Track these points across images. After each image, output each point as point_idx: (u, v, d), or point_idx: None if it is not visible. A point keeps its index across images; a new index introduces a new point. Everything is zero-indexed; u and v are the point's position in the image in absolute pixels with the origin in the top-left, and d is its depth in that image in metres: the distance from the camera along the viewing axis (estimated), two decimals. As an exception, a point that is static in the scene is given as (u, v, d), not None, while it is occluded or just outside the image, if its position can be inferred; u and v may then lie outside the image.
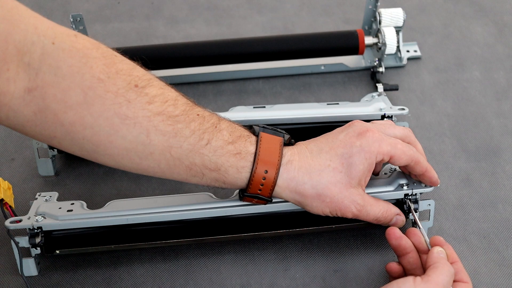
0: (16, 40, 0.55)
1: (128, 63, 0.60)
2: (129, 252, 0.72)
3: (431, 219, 0.71)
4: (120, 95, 0.58)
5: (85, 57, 0.57)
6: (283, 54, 0.88)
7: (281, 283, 0.69)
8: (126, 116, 0.58)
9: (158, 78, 0.62)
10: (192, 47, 0.88)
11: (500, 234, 0.74)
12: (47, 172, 0.79)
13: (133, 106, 0.58)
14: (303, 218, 0.70)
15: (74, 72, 0.56)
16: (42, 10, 1.02)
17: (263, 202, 0.64)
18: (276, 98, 0.89)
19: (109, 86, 0.57)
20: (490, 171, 0.80)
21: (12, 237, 0.66)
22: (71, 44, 0.57)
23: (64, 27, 0.59)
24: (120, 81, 0.58)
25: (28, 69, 0.56)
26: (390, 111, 0.78)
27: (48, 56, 0.56)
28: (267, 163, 0.61)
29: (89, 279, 0.70)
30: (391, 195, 0.69)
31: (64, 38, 0.57)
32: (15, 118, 0.57)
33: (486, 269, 0.70)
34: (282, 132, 0.65)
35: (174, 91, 0.62)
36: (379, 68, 0.90)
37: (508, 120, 0.86)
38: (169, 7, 1.03)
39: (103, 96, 0.57)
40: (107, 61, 0.58)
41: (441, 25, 0.99)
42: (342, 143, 0.64)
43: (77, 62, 0.57)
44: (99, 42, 0.60)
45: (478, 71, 0.92)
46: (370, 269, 0.70)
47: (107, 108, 0.57)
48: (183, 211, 0.67)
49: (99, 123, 0.57)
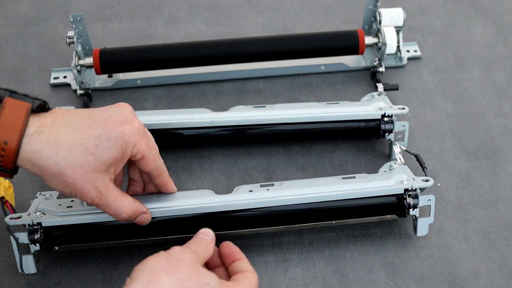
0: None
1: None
2: (129, 251, 0.72)
3: (431, 215, 0.71)
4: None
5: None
6: (283, 54, 0.88)
7: (281, 283, 0.69)
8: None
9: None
10: (192, 47, 0.87)
11: (501, 233, 0.74)
12: (47, 172, 0.79)
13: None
14: (303, 214, 0.70)
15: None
16: (42, 10, 1.02)
17: (8, 175, 0.59)
18: (276, 98, 0.89)
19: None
20: (491, 171, 0.80)
21: (12, 233, 0.66)
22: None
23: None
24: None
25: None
26: (390, 110, 0.78)
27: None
28: (8, 133, 0.56)
29: (89, 279, 0.70)
30: (391, 190, 0.69)
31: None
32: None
33: (487, 269, 0.70)
34: (33, 98, 0.59)
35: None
36: (379, 68, 0.90)
37: (508, 120, 0.86)
38: (169, 7, 1.03)
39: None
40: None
41: (441, 25, 0.99)
42: (104, 124, 0.60)
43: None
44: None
45: (478, 71, 0.92)
46: (370, 270, 0.70)
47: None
48: (184, 207, 0.67)
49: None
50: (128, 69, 0.88)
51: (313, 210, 0.70)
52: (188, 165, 0.81)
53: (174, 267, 0.56)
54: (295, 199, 0.69)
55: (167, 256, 0.58)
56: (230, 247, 0.64)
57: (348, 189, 0.69)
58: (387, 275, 0.70)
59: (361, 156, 0.82)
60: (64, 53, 0.95)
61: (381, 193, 0.69)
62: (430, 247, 0.72)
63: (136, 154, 0.62)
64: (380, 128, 0.79)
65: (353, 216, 0.71)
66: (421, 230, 0.72)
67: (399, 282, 0.69)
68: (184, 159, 0.82)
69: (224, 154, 0.82)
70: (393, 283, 0.69)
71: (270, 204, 0.68)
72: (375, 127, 0.79)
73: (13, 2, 1.04)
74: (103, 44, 0.94)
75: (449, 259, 0.71)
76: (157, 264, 0.56)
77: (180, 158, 0.82)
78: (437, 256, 0.72)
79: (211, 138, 0.79)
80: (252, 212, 0.69)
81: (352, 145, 0.83)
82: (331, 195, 0.69)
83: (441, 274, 0.70)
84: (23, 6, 1.03)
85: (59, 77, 0.91)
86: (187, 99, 0.89)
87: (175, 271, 0.56)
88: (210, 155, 0.82)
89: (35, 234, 0.67)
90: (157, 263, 0.56)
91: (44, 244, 0.68)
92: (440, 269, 0.71)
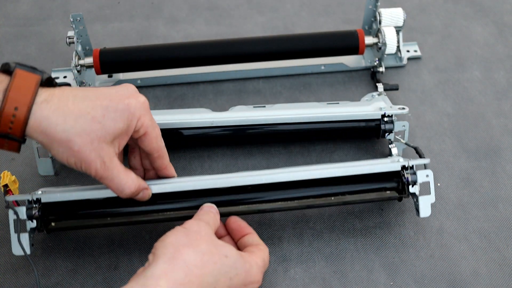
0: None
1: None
2: (129, 251, 0.72)
3: (432, 192, 0.70)
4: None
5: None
6: (283, 54, 0.88)
7: (281, 283, 0.69)
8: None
9: None
10: (192, 47, 0.87)
11: (501, 233, 0.74)
12: (47, 171, 0.79)
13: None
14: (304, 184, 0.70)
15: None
16: (42, 10, 1.02)
17: (15, 144, 0.60)
18: (276, 98, 0.89)
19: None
20: (491, 171, 0.80)
21: (12, 207, 0.66)
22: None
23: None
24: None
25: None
26: (390, 110, 0.78)
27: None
28: (18, 100, 0.58)
29: (89, 279, 0.70)
30: (388, 167, 0.70)
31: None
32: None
33: (487, 269, 0.70)
34: (42, 71, 0.61)
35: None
36: (379, 68, 0.90)
37: (508, 120, 0.86)
38: (169, 7, 1.03)
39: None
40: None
41: (441, 25, 0.99)
42: (110, 97, 0.62)
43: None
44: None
45: (478, 71, 0.92)
46: (370, 270, 0.70)
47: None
48: (183, 182, 0.69)
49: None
50: (128, 69, 0.88)
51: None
52: (188, 165, 0.81)
53: (194, 240, 0.59)
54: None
55: (184, 230, 0.61)
56: (238, 222, 0.68)
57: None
58: (387, 275, 0.70)
59: (361, 156, 0.82)
60: (64, 53, 0.95)
61: (379, 170, 0.70)
62: (430, 247, 0.72)
63: (140, 128, 0.64)
64: (380, 128, 0.79)
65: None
66: (424, 210, 0.70)
67: (399, 282, 0.69)
68: (184, 159, 0.82)
69: (224, 154, 0.82)
70: (393, 283, 0.69)
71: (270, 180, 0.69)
72: (375, 127, 0.79)
73: (13, 2, 1.04)
74: (103, 44, 0.94)
75: (449, 259, 0.71)
76: (177, 239, 0.59)
77: (180, 158, 0.82)
78: (437, 256, 0.72)
79: (211, 138, 0.79)
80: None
81: (352, 145, 0.83)
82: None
83: (441, 274, 0.70)
84: (23, 6, 1.03)
85: (59, 77, 0.91)
86: (187, 99, 0.89)
87: (196, 245, 0.59)
88: (210, 155, 0.82)
89: (33, 210, 0.67)
90: (177, 238, 0.59)
91: (42, 220, 0.68)
92: (440, 269, 0.71)
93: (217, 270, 0.59)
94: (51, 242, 0.73)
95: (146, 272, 0.56)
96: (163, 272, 0.56)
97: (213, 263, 0.59)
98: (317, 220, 0.75)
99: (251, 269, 0.62)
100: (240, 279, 0.61)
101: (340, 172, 0.70)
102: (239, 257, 0.61)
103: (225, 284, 0.59)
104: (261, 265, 0.64)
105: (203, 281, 0.57)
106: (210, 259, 0.59)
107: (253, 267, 0.62)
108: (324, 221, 0.75)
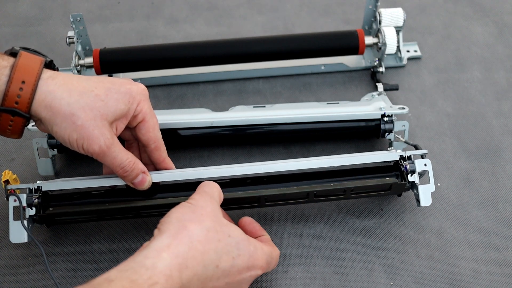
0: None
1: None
2: (130, 251, 0.72)
3: (431, 181, 0.70)
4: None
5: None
6: (283, 54, 0.88)
7: (281, 283, 0.69)
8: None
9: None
10: (192, 47, 0.87)
11: (501, 233, 0.74)
12: (47, 172, 0.79)
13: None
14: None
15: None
16: (42, 10, 1.02)
17: (20, 122, 0.61)
18: (276, 98, 0.89)
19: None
20: (491, 171, 0.80)
21: (15, 194, 0.67)
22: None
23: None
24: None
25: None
26: (390, 110, 0.78)
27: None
28: (25, 75, 0.60)
29: (89, 279, 0.70)
30: (386, 157, 0.71)
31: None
32: None
33: (487, 269, 0.70)
34: (45, 56, 0.63)
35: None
36: (379, 68, 0.90)
37: (508, 120, 0.86)
38: (169, 7, 1.03)
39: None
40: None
41: (441, 25, 0.99)
42: (112, 81, 0.64)
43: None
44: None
45: (478, 71, 0.92)
46: (370, 270, 0.70)
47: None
48: (182, 171, 0.70)
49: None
50: (128, 69, 0.88)
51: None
52: (188, 165, 0.81)
53: (199, 215, 0.60)
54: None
55: (189, 206, 0.61)
56: (253, 224, 0.68)
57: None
58: (387, 275, 0.70)
59: (361, 156, 0.82)
60: (64, 53, 0.95)
61: (376, 160, 0.71)
62: (430, 247, 0.72)
63: (139, 114, 0.65)
64: (380, 128, 0.79)
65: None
66: (424, 199, 0.70)
67: (399, 282, 0.69)
68: (184, 159, 0.82)
69: (224, 154, 0.82)
70: (393, 283, 0.69)
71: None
72: (375, 127, 0.79)
73: (13, 2, 1.04)
74: (103, 44, 0.94)
75: (449, 259, 0.71)
76: (183, 215, 0.59)
77: (180, 158, 0.82)
78: (437, 256, 0.72)
79: (211, 138, 0.79)
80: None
81: (352, 145, 0.83)
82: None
83: (441, 274, 0.70)
84: (23, 6, 1.03)
85: (59, 77, 0.91)
86: (187, 99, 0.89)
87: (201, 220, 0.59)
88: (210, 155, 0.82)
89: (33, 198, 0.68)
90: (182, 213, 0.59)
91: (41, 207, 0.68)
92: (440, 269, 0.71)
93: (220, 248, 0.59)
94: (51, 242, 0.73)
95: (150, 245, 0.57)
96: (166, 245, 0.56)
97: (217, 241, 0.59)
98: (317, 220, 0.75)
99: (255, 251, 0.62)
100: (244, 261, 0.60)
101: (340, 161, 0.71)
102: (244, 238, 0.61)
103: (228, 263, 0.59)
104: (267, 253, 0.63)
105: (206, 257, 0.58)
106: (214, 236, 0.59)
107: (258, 249, 0.62)
108: (324, 221, 0.75)
